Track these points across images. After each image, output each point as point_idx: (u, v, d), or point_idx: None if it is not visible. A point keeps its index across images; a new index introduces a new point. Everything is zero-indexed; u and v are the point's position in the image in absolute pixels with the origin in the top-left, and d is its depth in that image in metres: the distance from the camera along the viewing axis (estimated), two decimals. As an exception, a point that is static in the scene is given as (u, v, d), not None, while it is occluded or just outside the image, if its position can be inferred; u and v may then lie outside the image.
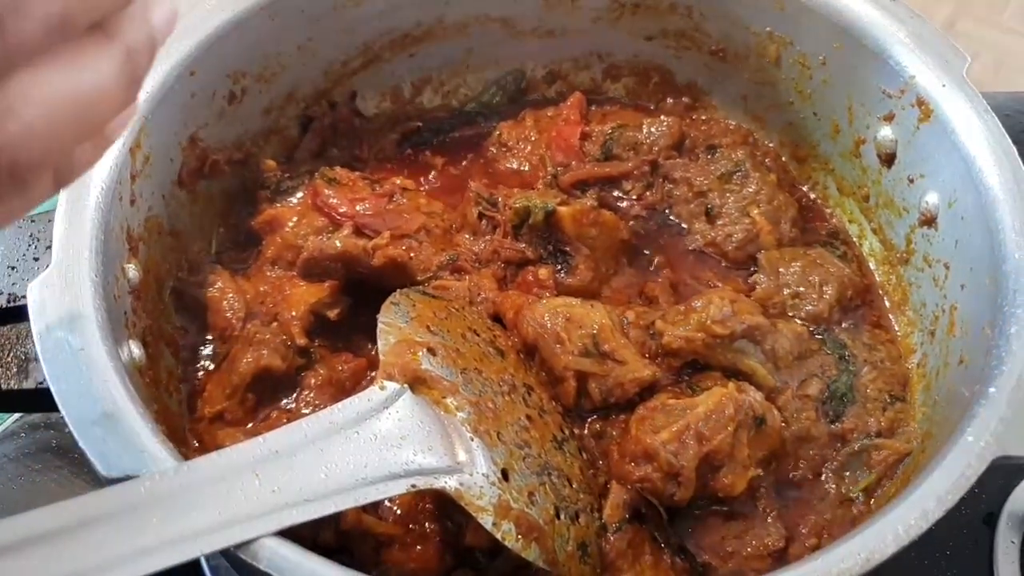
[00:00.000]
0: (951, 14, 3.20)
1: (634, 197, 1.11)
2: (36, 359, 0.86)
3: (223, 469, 0.66)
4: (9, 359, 0.86)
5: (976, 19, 3.20)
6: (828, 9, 1.03)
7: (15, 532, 0.58)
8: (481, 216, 1.04)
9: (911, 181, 1.00)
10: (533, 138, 1.16)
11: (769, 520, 0.87)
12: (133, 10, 0.51)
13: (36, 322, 0.75)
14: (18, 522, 0.59)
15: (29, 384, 0.86)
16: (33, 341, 0.75)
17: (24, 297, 0.78)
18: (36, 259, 0.91)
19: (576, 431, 0.89)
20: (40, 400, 0.81)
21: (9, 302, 0.88)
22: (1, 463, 1.14)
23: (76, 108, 0.47)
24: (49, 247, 0.81)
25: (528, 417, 0.84)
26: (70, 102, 0.47)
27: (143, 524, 0.61)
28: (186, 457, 0.70)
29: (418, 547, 0.84)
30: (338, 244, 0.97)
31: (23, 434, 1.16)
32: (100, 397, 0.71)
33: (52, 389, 0.71)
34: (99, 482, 0.96)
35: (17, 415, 1.17)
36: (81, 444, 0.68)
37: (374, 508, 0.84)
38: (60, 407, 0.70)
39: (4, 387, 0.86)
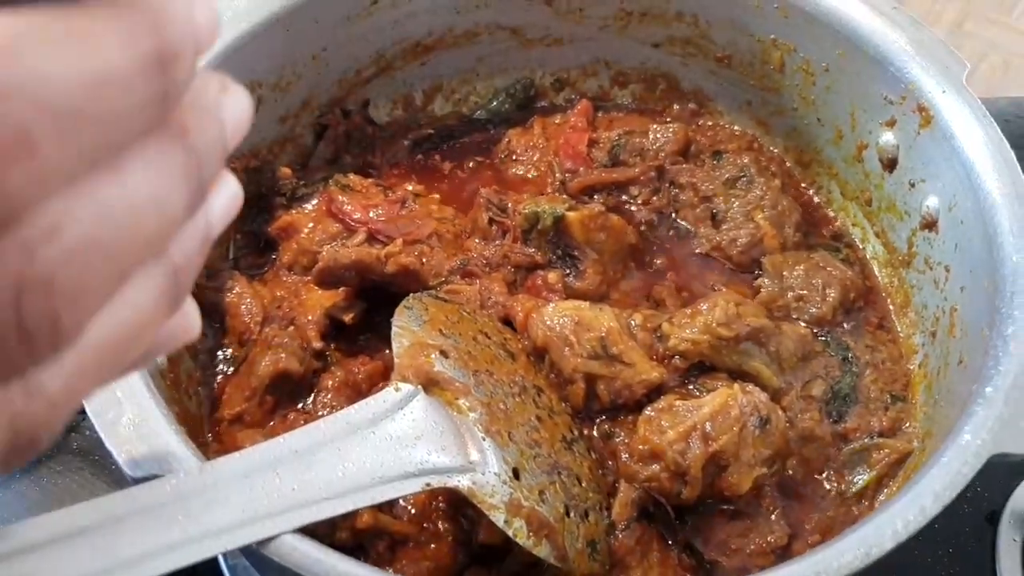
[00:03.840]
0: (959, 14, 3.21)
1: (641, 202, 1.13)
2: (61, 363, 0.89)
3: (245, 468, 0.68)
4: (36, 363, 0.89)
5: (984, 19, 3.20)
6: (831, 17, 1.05)
7: (47, 529, 0.61)
8: (491, 221, 1.06)
9: (912, 185, 1.02)
10: (541, 145, 1.19)
11: (773, 518, 0.88)
12: (200, 99, 0.38)
13: (63, 328, 0.77)
14: (50, 519, 0.61)
15: (55, 387, 0.88)
16: (59, 346, 0.77)
17: (50, 303, 0.80)
18: (61, 266, 0.93)
19: (585, 431, 0.91)
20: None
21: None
22: (25, 465, 1.16)
23: (127, 225, 0.34)
24: (74, 254, 0.83)
25: (538, 418, 0.86)
26: (122, 216, 0.34)
27: (169, 522, 0.63)
28: (206, 457, 0.73)
29: (432, 545, 0.86)
30: (352, 253, 0.99)
31: (45, 436, 1.18)
32: (125, 400, 0.73)
33: (79, 392, 0.73)
34: (119, 482, 0.98)
35: (39, 417, 1.19)
36: (108, 445, 0.71)
37: (389, 507, 0.86)
38: (87, 409, 0.73)
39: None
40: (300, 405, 0.95)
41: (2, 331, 0.31)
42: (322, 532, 0.76)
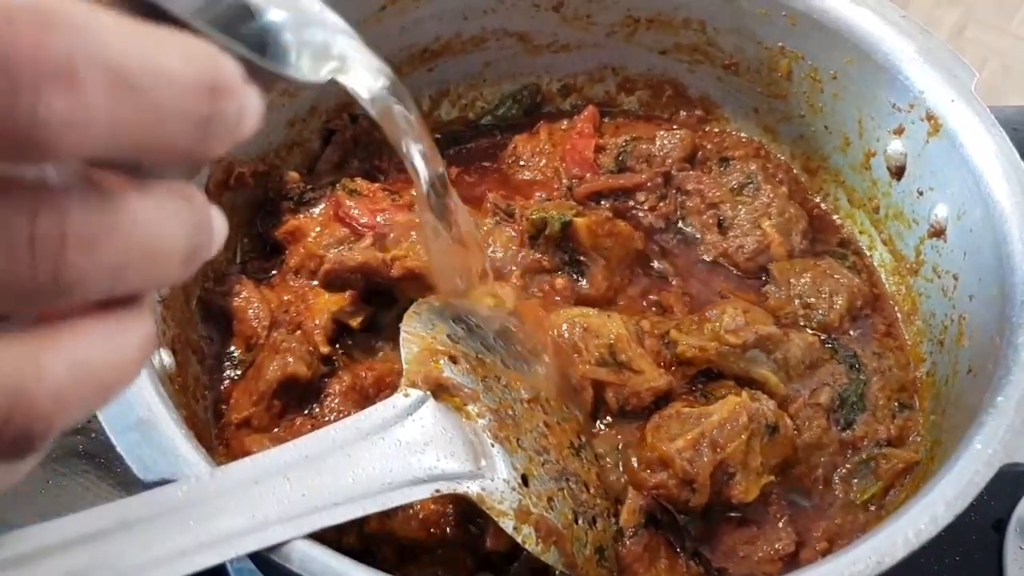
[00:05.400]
0: (959, 20, 3.22)
1: (647, 208, 1.13)
2: (70, 366, 0.89)
3: (256, 473, 0.68)
4: (44, 367, 0.88)
5: (985, 25, 3.21)
6: (839, 25, 1.05)
7: (58, 534, 0.61)
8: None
9: (920, 194, 1.02)
10: (548, 150, 1.19)
11: (780, 525, 0.89)
12: (197, 190, 0.44)
13: (73, 331, 0.77)
14: (60, 524, 0.61)
15: (64, 391, 0.88)
16: (68, 349, 0.77)
17: (58, 307, 0.79)
18: (69, 270, 0.93)
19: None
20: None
21: (44, 312, 0.90)
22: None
23: (98, 383, 0.40)
24: (82, 258, 0.83)
25: (546, 424, 0.86)
26: (96, 377, 0.40)
27: (181, 526, 0.63)
28: (214, 462, 0.72)
29: (439, 551, 0.86)
30: (358, 256, 0.99)
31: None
32: (136, 404, 0.73)
33: (90, 396, 0.73)
34: (124, 485, 0.98)
35: (45, 420, 1.19)
36: (119, 449, 0.70)
37: (397, 512, 0.86)
38: (98, 413, 0.73)
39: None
40: (307, 410, 0.95)
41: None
42: (329, 537, 0.75)
